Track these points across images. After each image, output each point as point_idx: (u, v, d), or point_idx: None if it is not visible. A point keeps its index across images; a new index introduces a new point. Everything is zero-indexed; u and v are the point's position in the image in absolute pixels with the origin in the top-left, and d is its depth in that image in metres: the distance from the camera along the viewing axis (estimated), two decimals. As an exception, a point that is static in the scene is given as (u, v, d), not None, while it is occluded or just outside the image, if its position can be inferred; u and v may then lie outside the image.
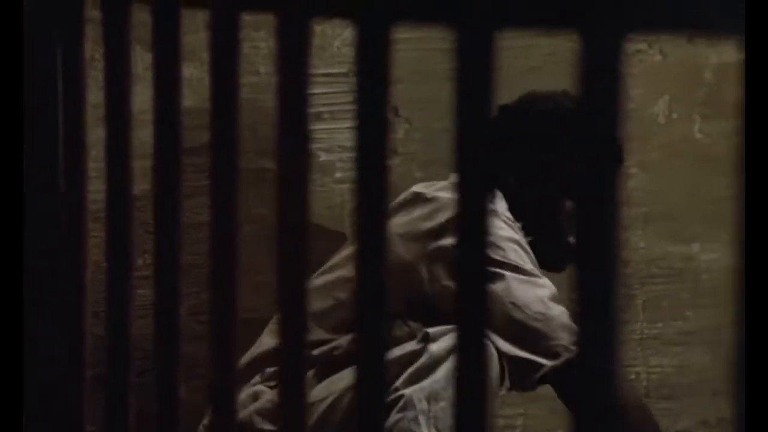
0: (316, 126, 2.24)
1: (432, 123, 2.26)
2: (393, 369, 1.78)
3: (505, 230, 1.85)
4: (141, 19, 1.27)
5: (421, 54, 2.20)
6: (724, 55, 2.29)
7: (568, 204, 1.92)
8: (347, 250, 1.93)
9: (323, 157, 2.25)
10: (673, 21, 0.85)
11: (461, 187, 0.97)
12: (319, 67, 2.21)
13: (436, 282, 1.81)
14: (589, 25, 0.87)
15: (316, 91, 2.24)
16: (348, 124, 2.06)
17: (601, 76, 0.87)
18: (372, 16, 1.02)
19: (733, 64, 2.23)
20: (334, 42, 2.19)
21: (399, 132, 2.31)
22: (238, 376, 1.84)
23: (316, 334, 1.83)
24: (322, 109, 2.24)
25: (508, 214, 1.90)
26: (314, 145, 2.24)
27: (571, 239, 1.91)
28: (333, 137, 2.23)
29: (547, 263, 1.94)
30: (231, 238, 1.17)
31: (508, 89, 2.30)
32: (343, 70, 2.18)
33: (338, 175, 2.23)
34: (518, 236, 1.86)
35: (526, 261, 1.84)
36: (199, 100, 1.29)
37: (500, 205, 1.91)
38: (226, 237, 1.18)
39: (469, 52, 0.95)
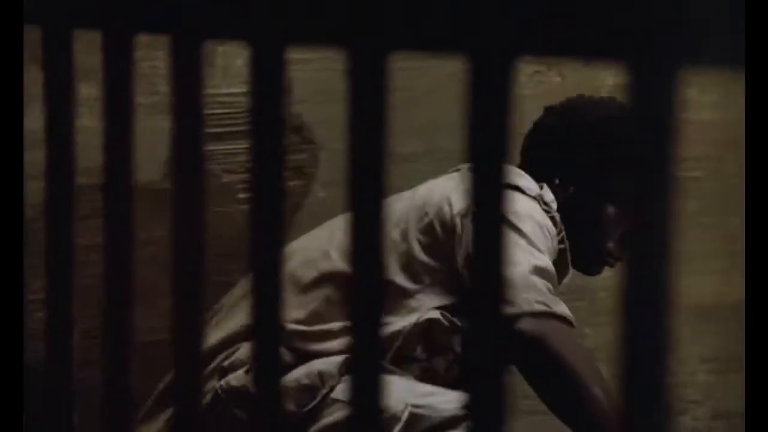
0: (219, 146, 2.23)
1: (336, 143, 2.27)
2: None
3: (534, 211, 1.84)
4: (33, 38, 1.25)
5: (328, 74, 2.20)
6: (620, 78, 2.34)
7: (610, 209, 1.93)
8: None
9: (225, 178, 2.24)
10: (565, 45, 0.87)
11: (354, 207, 0.98)
12: (221, 86, 2.20)
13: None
14: (480, 47, 0.88)
15: (219, 111, 2.24)
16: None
17: (491, 98, 0.88)
18: (267, 36, 1.03)
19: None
20: (236, 62, 2.18)
21: (303, 152, 2.31)
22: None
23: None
24: (224, 129, 2.23)
25: (553, 206, 1.89)
26: (216, 166, 2.23)
27: (610, 244, 1.93)
28: (235, 157, 2.22)
29: (583, 266, 1.95)
30: (126, 259, 1.16)
31: (409, 108, 2.32)
32: (246, 90, 2.17)
33: (241, 195, 2.22)
34: (545, 221, 1.85)
35: (539, 237, 1.81)
36: (96, 120, 1.28)
37: (547, 194, 1.90)
38: (121, 259, 1.16)
39: (362, 73, 0.96)
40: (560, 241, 1.89)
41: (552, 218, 1.88)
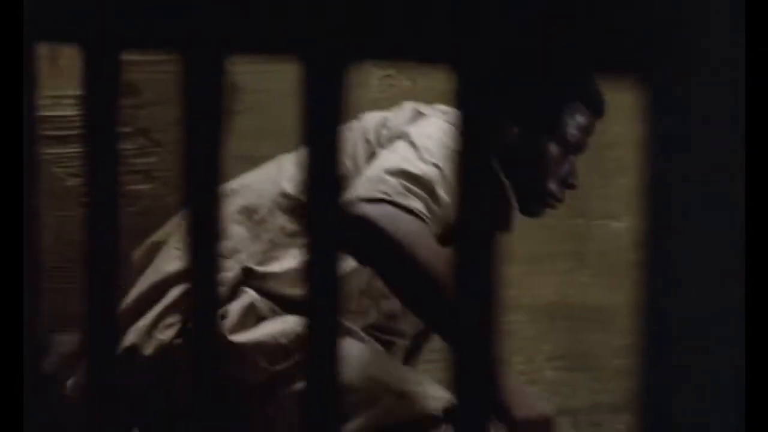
0: (64, 149, 2.18)
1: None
2: None
3: (450, 137, 1.79)
4: None
5: (174, 76, 2.18)
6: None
7: (553, 149, 1.91)
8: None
9: (69, 181, 2.20)
10: (401, 50, 0.88)
11: (190, 208, 0.97)
12: (66, 88, 2.16)
13: None
14: (314, 53, 0.89)
15: (63, 113, 2.19)
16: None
17: (327, 101, 0.89)
18: (100, 39, 1.01)
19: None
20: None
21: (152, 156, 2.28)
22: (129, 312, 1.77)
23: None
24: (69, 131, 2.18)
25: None
26: (60, 169, 2.18)
27: (552, 185, 1.91)
28: (80, 161, 2.18)
29: (525, 207, 1.91)
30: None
31: (263, 111, 2.31)
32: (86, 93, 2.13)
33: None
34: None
35: (437, 155, 1.76)
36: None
37: None
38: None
39: (198, 76, 0.95)
40: None
41: None
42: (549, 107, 1.91)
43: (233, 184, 1.96)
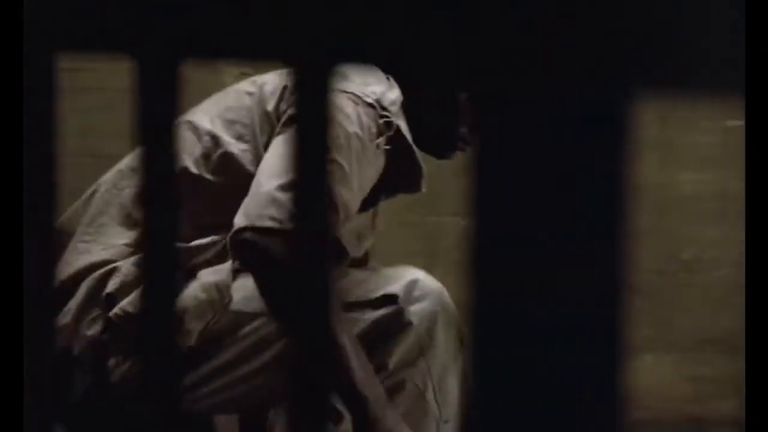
0: None
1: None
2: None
3: (348, 107, 1.80)
4: None
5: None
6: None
7: (463, 95, 1.92)
8: None
9: None
10: (232, 48, 0.88)
11: (27, 208, 0.94)
12: None
13: None
14: (146, 51, 0.89)
15: None
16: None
17: (160, 99, 0.89)
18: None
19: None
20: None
21: None
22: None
23: None
24: None
25: (393, 108, 1.84)
26: None
27: (463, 129, 1.92)
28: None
29: (436, 150, 1.94)
30: None
31: (116, 109, 2.25)
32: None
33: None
34: (366, 128, 1.83)
35: (358, 153, 1.79)
36: None
37: (388, 96, 1.85)
38: None
39: (35, 74, 0.94)
40: (389, 142, 1.86)
41: (387, 122, 1.85)
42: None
43: (128, 162, 1.94)
